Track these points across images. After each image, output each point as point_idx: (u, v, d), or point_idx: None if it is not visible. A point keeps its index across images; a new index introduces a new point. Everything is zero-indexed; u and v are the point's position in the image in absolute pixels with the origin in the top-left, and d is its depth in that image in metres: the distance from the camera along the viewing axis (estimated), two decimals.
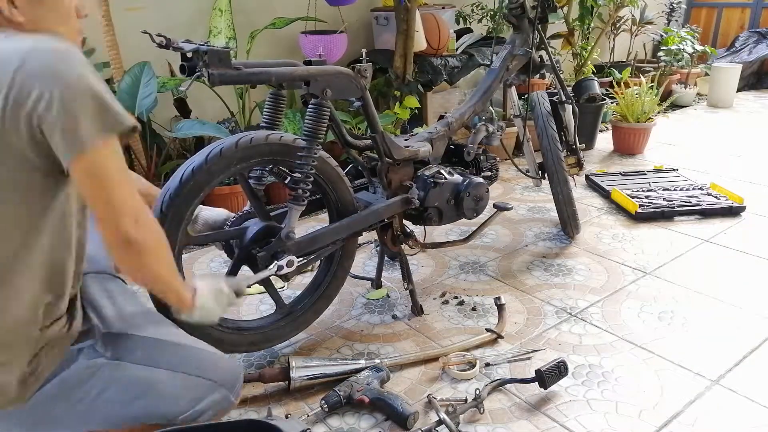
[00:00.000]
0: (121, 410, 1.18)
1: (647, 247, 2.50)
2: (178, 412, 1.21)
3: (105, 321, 1.24)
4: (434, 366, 1.74)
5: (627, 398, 1.61)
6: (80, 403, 1.16)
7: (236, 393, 1.30)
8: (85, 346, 1.18)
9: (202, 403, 1.23)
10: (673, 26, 5.55)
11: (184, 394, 1.22)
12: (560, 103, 2.50)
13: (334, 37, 3.12)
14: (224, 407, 1.28)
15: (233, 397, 1.28)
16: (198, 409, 1.23)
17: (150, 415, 1.20)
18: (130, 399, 1.18)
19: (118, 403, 1.17)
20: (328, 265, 1.85)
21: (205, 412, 1.24)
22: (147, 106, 2.47)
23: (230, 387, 1.28)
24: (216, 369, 1.27)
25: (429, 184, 1.93)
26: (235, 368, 1.33)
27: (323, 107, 1.58)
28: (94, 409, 1.16)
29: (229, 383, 1.28)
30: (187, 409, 1.22)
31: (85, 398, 1.16)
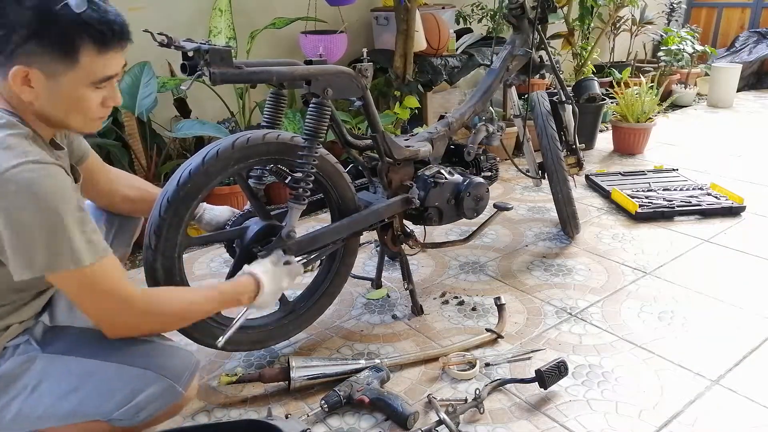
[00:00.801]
0: (57, 404, 1.14)
1: (647, 247, 2.50)
2: (113, 406, 1.15)
3: (54, 317, 1.24)
4: (434, 366, 1.74)
5: (627, 398, 1.60)
6: (17, 399, 1.13)
7: (184, 384, 1.22)
8: (22, 342, 1.17)
9: (140, 396, 1.16)
10: (673, 26, 5.55)
11: (119, 387, 1.16)
12: (560, 103, 2.50)
13: (335, 37, 3.12)
14: (170, 400, 1.21)
15: (180, 387, 1.21)
16: (136, 402, 1.16)
17: (86, 410, 1.15)
18: (64, 393, 1.14)
19: (53, 397, 1.14)
20: (331, 262, 1.85)
21: (145, 407, 1.18)
22: (147, 106, 2.47)
23: (175, 377, 1.20)
24: (158, 359, 1.20)
25: (429, 184, 1.93)
26: (185, 357, 1.25)
27: (324, 106, 1.58)
28: (31, 405, 1.13)
29: (173, 373, 1.20)
30: (124, 402, 1.16)
31: (21, 394, 1.13)
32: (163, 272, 1.45)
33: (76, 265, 1.05)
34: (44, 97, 1.06)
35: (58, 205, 1.02)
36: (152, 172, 2.61)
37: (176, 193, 1.42)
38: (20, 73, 1.03)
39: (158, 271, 1.45)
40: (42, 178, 1.01)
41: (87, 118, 1.13)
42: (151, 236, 1.43)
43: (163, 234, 1.43)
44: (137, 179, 1.60)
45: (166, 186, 1.45)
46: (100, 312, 1.13)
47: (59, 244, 1.03)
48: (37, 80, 1.04)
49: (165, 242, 1.44)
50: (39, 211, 1.00)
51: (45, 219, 1.01)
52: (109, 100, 1.14)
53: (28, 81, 1.04)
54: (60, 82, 1.06)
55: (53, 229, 1.02)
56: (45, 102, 1.07)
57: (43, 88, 1.05)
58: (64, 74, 1.05)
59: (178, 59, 1.41)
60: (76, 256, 1.04)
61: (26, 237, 1.01)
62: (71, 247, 1.04)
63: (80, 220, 1.06)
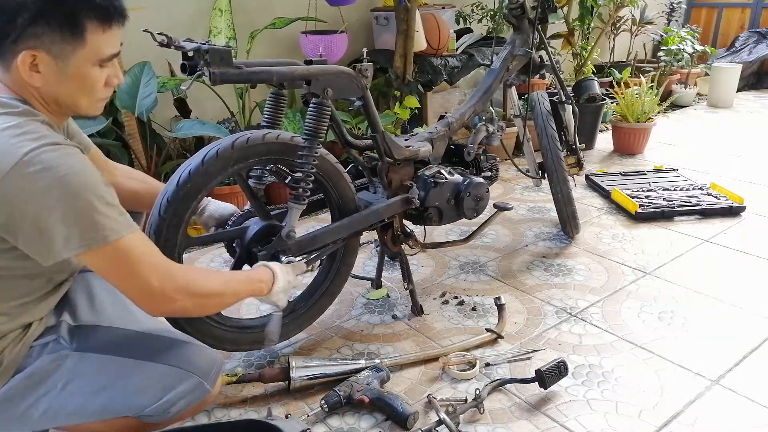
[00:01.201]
0: (88, 402, 1.15)
1: (647, 247, 2.50)
2: (146, 402, 1.18)
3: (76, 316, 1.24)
4: (434, 366, 1.74)
5: (627, 398, 1.60)
6: (46, 396, 1.14)
7: (211, 381, 1.26)
8: (50, 341, 1.18)
9: (171, 393, 1.20)
10: (673, 26, 5.55)
11: (151, 384, 1.18)
12: (560, 103, 2.50)
13: (335, 37, 3.12)
14: (199, 396, 1.24)
15: (208, 384, 1.25)
16: (167, 399, 1.19)
17: (117, 406, 1.17)
18: (96, 390, 1.15)
19: (84, 394, 1.15)
20: (331, 262, 1.85)
21: (176, 403, 1.21)
22: (147, 106, 2.47)
23: (203, 375, 1.24)
24: (186, 357, 1.24)
25: (429, 184, 1.93)
26: (210, 356, 1.30)
27: (324, 106, 1.58)
28: (61, 402, 1.15)
29: (201, 371, 1.24)
30: (155, 399, 1.18)
31: (51, 391, 1.14)
32: None
33: (112, 239, 1.03)
34: (52, 80, 1.06)
35: (82, 183, 1.01)
36: (152, 172, 2.61)
37: (176, 193, 1.42)
38: (28, 57, 1.03)
39: None
40: (63, 158, 1.00)
41: (93, 99, 1.14)
42: (151, 236, 1.43)
43: (163, 234, 1.43)
44: (139, 173, 1.60)
45: (166, 186, 1.45)
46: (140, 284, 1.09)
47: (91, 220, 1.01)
48: (45, 63, 1.04)
49: (165, 242, 1.44)
50: (65, 191, 0.99)
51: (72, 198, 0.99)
52: (113, 78, 1.15)
53: (35, 66, 1.04)
54: (68, 63, 1.06)
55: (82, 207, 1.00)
56: (53, 85, 1.07)
57: (51, 70, 1.05)
58: (71, 54, 1.06)
59: (178, 59, 1.41)
60: (110, 228, 1.03)
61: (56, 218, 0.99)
62: (103, 222, 1.02)
63: (108, 193, 1.06)
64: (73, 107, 1.14)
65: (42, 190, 0.98)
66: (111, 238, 1.03)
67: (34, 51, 1.03)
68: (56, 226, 0.99)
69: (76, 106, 1.13)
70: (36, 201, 0.98)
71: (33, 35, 1.02)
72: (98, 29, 1.07)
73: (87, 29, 1.06)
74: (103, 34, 1.08)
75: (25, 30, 1.01)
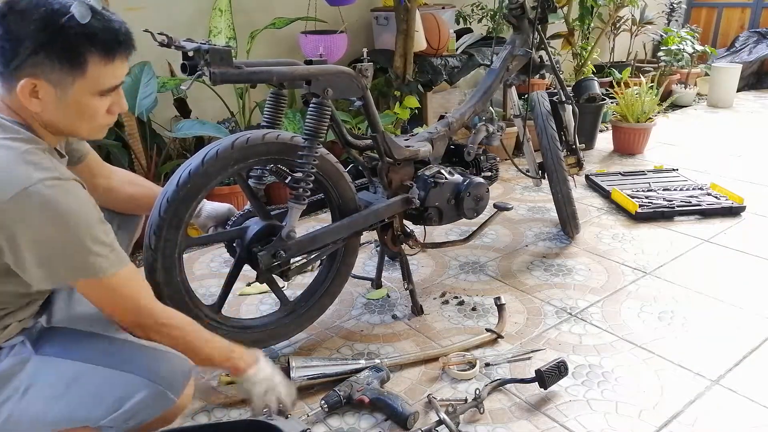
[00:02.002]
0: (47, 409, 1.11)
1: (647, 247, 2.50)
2: (102, 412, 1.12)
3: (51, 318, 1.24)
4: (434, 366, 1.74)
5: (627, 398, 1.61)
6: (9, 401, 1.11)
7: (177, 391, 1.18)
8: (17, 342, 1.16)
9: (129, 402, 1.13)
10: (673, 26, 5.55)
11: (109, 392, 1.13)
12: (560, 103, 2.50)
13: (335, 37, 3.12)
14: (161, 407, 1.17)
15: (172, 394, 1.17)
16: (126, 409, 1.12)
17: (74, 416, 1.12)
18: (53, 397, 1.12)
19: (43, 400, 1.11)
20: (331, 261, 1.85)
21: (136, 414, 1.14)
22: (147, 106, 2.47)
23: (167, 384, 1.16)
24: (150, 365, 1.17)
25: (429, 184, 1.93)
26: (178, 364, 1.21)
27: (324, 106, 1.58)
28: (22, 408, 1.11)
29: (165, 380, 1.16)
30: (113, 409, 1.12)
31: (13, 396, 1.11)
32: (163, 272, 1.45)
33: (100, 276, 1.08)
34: (52, 107, 1.08)
35: (78, 222, 1.04)
36: (152, 172, 2.61)
37: (176, 193, 1.42)
38: (28, 85, 1.04)
39: (158, 272, 1.45)
40: (64, 195, 1.04)
41: (93, 126, 1.15)
42: (151, 236, 1.43)
43: (163, 234, 1.43)
44: (136, 176, 1.60)
45: (165, 186, 1.45)
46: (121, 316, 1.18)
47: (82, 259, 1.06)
48: (45, 91, 1.06)
49: (165, 242, 1.44)
50: (62, 226, 1.03)
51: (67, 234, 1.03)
52: (115, 106, 1.16)
53: (35, 93, 1.05)
54: (67, 93, 1.07)
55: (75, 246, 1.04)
56: (53, 112, 1.09)
57: (51, 98, 1.07)
58: (71, 84, 1.07)
59: (178, 59, 1.41)
60: (99, 267, 1.08)
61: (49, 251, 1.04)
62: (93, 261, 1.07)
63: (103, 231, 1.09)
64: (72, 133, 1.16)
65: (38, 224, 1.01)
66: (99, 276, 1.08)
67: (34, 79, 1.04)
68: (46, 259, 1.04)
69: (76, 131, 1.15)
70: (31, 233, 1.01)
71: (34, 64, 1.03)
72: (100, 62, 1.08)
73: (88, 62, 1.06)
74: (105, 66, 1.09)
75: (27, 59, 1.03)
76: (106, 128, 1.19)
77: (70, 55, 1.04)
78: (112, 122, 1.19)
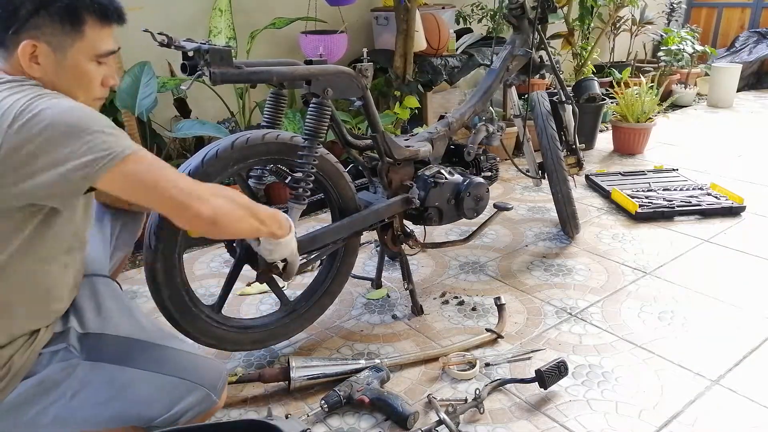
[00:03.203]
0: (97, 411, 1.16)
1: (647, 247, 2.50)
2: (155, 414, 1.19)
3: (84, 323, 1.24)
4: (434, 366, 1.74)
5: (627, 398, 1.61)
6: (56, 404, 1.14)
7: (218, 392, 1.28)
8: (61, 348, 1.18)
9: (179, 405, 1.21)
10: (673, 26, 5.55)
11: (160, 396, 1.20)
12: (560, 103, 2.50)
13: (335, 37, 3.12)
14: (206, 408, 1.26)
15: (215, 396, 1.27)
16: (176, 411, 1.21)
17: (126, 416, 1.18)
18: (105, 400, 1.16)
19: (93, 404, 1.16)
20: (332, 261, 1.85)
21: (184, 414, 1.22)
22: (147, 106, 2.47)
23: (211, 387, 1.26)
24: (194, 369, 1.25)
25: (429, 184, 1.93)
26: (217, 367, 1.32)
27: (324, 106, 1.58)
28: (70, 410, 1.15)
29: (209, 383, 1.26)
30: (164, 411, 1.20)
31: (60, 399, 1.14)
32: (164, 272, 1.45)
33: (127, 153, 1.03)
34: (51, 72, 1.09)
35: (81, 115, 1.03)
36: None
37: None
38: (28, 47, 1.05)
39: (158, 272, 1.45)
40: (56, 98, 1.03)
41: (89, 96, 1.16)
42: (152, 236, 1.43)
43: (164, 234, 1.43)
44: None
45: None
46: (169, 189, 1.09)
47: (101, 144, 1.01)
48: (45, 55, 1.07)
49: (165, 242, 1.44)
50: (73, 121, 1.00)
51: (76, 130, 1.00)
52: (109, 78, 1.17)
53: (35, 57, 1.07)
54: (66, 55, 1.09)
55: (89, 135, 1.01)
56: (51, 76, 1.09)
57: (50, 62, 1.08)
58: (70, 47, 1.09)
59: (178, 59, 1.41)
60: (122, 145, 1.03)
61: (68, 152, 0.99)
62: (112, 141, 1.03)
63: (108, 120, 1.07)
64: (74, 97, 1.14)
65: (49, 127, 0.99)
66: (126, 153, 1.04)
67: (34, 41, 1.05)
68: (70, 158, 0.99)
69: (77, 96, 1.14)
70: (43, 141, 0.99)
71: (34, 26, 1.05)
72: (97, 24, 1.11)
73: (86, 23, 1.09)
74: (101, 30, 1.12)
75: (28, 21, 1.04)
76: (100, 103, 1.20)
77: (70, 16, 1.07)
78: (105, 96, 1.20)
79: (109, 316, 1.27)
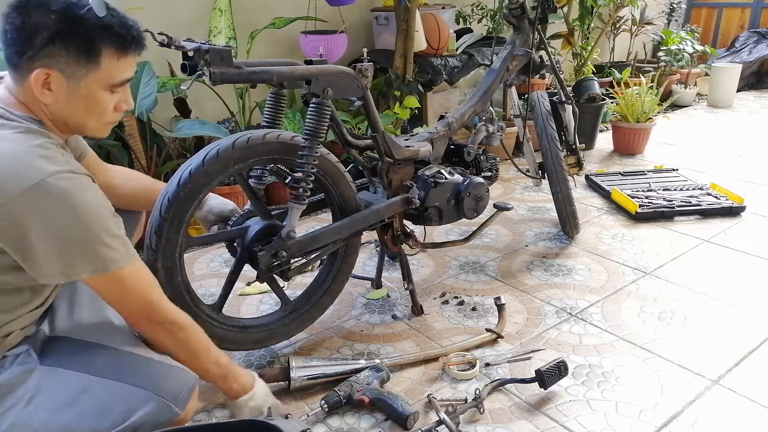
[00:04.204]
0: (51, 419, 1.11)
1: (647, 247, 2.50)
2: (109, 424, 1.12)
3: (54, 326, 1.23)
4: (434, 366, 1.74)
5: (627, 398, 1.61)
6: (12, 410, 1.11)
7: (181, 403, 1.19)
8: (22, 351, 1.16)
9: (135, 415, 1.13)
10: (673, 26, 5.55)
11: (115, 405, 1.13)
12: (560, 103, 2.50)
13: (335, 37, 3.12)
14: (166, 419, 1.18)
15: (177, 407, 1.18)
16: (131, 421, 1.13)
17: (79, 427, 1.12)
18: (58, 407, 1.12)
19: (48, 410, 1.12)
20: (332, 260, 1.85)
21: (140, 426, 1.14)
22: (147, 106, 2.47)
23: (171, 397, 1.18)
24: (155, 378, 1.19)
25: (429, 184, 1.93)
26: (182, 377, 1.23)
27: (324, 106, 1.58)
28: (25, 417, 1.11)
29: (169, 393, 1.18)
30: (120, 421, 1.12)
31: (16, 405, 1.11)
32: (164, 272, 1.45)
33: (112, 269, 1.09)
34: (62, 100, 1.09)
35: (91, 215, 1.05)
36: (152, 172, 2.61)
37: (177, 192, 1.42)
38: (42, 75, 1.05)
39: (159, 271, 1.45)
40: (78, 188, 1.04)
41: (101, 122, 1.16)
42: (152, 236, 1.43)
43: (164, 234, 1.43)
44: (135, 172, 1.60)
45: (166, 186, 1.45)
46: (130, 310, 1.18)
47: (94, 251, 1.06)
48: (57, 83, 1.07)
49: (166, 242, 1.44)
50: (76, 218, 1.03)
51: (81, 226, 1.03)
52: (122, 104, 1.17)
53: (48, 84, 1.06)
54: (79, 85, 1.09)
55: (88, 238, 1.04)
56: (63, 105, 1.09)
57: (63, 91, 1.08)
58: (84, 76, 1.08)
59: (178, 59, 1.41)
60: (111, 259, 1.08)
61: (63, 243, 1.03)
62: (105, 252, 1.07)
63: (115, 225, 1.09)
64: (80, 128, 1.16)
65: (52, 216, 1.01)
66: (112, 268, 1.08)
67: (48, 69, 1.05)
68: (59, 252, 1.03)
69: (84, 126, 1.16)
70: (44, 225, 1.01)
71: (49, 54, 1.04)
72: (114, 56, 1.10)
73: (102, 54, 1.08)
74: (118, 60, 1.11)
75: (42, 49, 1.04)
76: (111, 126, 1.20)
77: (86, 47, 1.06)
78: (118, 120, 1.20)
79: (78, 320, 1.26)
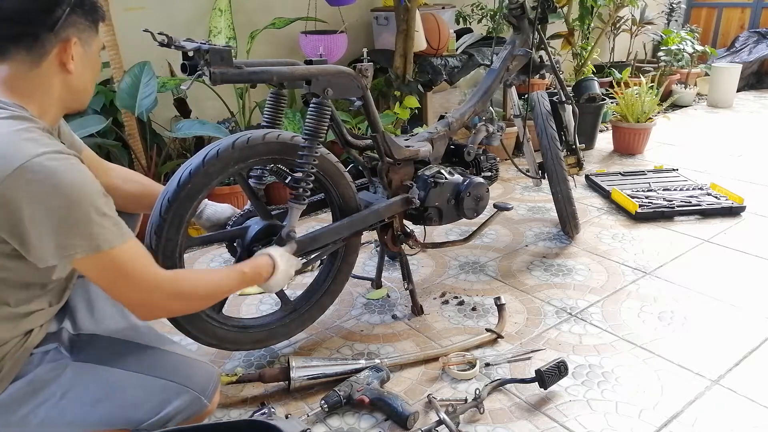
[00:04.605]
0: (85, 413, 1.16)
1: (647, 247, 2.50)
2: (142, 416, 1.18)
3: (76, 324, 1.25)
4: (434, 366, 1.74)
5: (627, 398, 1.61)
6: (45, 405, 1.14)
7: (209, 395, 1.26)
8: (51, 349, 1.18)
9: (168, 408, 1.20)
10: (673, 26, 5.55)
11: (149, 398, 1.19)
12: (560, 103, 2.50)
13: (335, 37, 3.12)
14: (196, 411, 1.25)
15: (206, 399, 1.25)
16: (164, 414, 1.19)
17: (113, 419, 1.17)
18: (93, 401, 1.16)
19: (81, 405, 1.15)
20: (332, 260, 1.85)
21: (173, 417, 1.21)
22: (147, 106, 2.47)
23: (201, 390, 1.25)
24: (184, 371, 1.24)
25: (429, 184, 1.93)
26: (208, 370, 1.30)
27: (324, 106, 1.58)
28: (59, 411, 1.15)
29: (199, 386, 1.25)
30: (153, 414, 1.19)
31: (50, 400, 1.14)
32: None
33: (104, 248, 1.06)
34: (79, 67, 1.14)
35: (81, 193, 1.03)
36: (152, 172, 2.61)
37: (177, 193, 1.42)
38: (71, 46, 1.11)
39: None
40: (66, 167, 1.03)
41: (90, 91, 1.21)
42: (152, 236, 1.43)
43: (164, 234, 1.43)
44: (135, 173, 1.60)
45: (166, 186, 1.45)
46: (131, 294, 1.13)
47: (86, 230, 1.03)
48: (76, 50, 1.12)
49: (166, 242, 1.44)
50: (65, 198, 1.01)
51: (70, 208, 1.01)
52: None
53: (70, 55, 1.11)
54: (91, 50, 1.16)
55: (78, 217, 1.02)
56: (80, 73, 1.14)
57: (79, 58, 1.14)
58: (93, 41, 1.17)
59: (178, 59, 1.41)
60: (103, 238, 1.06)
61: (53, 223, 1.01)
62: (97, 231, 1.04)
63: (105, 204, 1.08)
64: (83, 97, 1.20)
65: (42, 196, 0.99)
66: (103, 248, 1.06)
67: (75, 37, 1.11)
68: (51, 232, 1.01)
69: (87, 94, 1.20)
70: (34, 206, 1.00)
71: (73, 23, 1.10)
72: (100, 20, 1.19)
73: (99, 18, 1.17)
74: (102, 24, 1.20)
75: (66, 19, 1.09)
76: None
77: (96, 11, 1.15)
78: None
79: (101, 317, 1.27)
